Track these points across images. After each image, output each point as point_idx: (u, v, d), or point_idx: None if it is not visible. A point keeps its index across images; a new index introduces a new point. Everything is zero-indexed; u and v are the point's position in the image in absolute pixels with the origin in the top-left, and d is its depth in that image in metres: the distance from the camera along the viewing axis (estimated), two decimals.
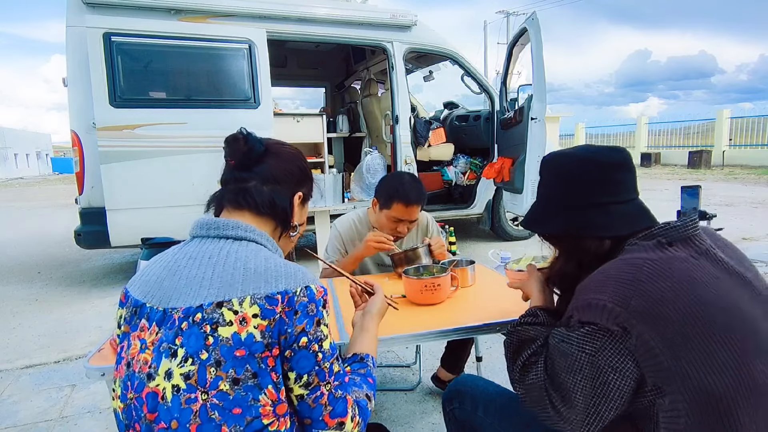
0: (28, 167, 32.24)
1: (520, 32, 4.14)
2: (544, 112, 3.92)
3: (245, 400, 0.69)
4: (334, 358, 0.80)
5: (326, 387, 0.77)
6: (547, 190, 1.01)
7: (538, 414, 0.89)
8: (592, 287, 0.83)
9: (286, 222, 0.94)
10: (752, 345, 0.77)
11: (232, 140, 0.90)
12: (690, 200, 2.25)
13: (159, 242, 2.06)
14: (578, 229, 0.93)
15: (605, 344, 0.78)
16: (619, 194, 0.93)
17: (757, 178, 12.44)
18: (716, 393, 0.74)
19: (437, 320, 1.33)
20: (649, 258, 0.82)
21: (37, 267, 4.83)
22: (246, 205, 0.88)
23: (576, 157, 0.96)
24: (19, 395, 2.23)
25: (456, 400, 1.17)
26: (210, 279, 0.75)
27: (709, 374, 0.74)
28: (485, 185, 5.14)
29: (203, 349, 0.70)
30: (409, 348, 2.51)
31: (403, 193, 1.79)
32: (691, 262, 0.82)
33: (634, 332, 0.76)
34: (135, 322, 0.78)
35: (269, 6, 4.16)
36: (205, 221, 0.85)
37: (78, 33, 3.54)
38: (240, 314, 0.71)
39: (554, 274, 1.02)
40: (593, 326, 0.79)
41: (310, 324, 0.75)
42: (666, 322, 0.76)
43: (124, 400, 0.75)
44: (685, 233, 0.86)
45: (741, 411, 0.75)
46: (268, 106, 4.06)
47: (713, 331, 0.76)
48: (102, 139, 3.53)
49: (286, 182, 0.93)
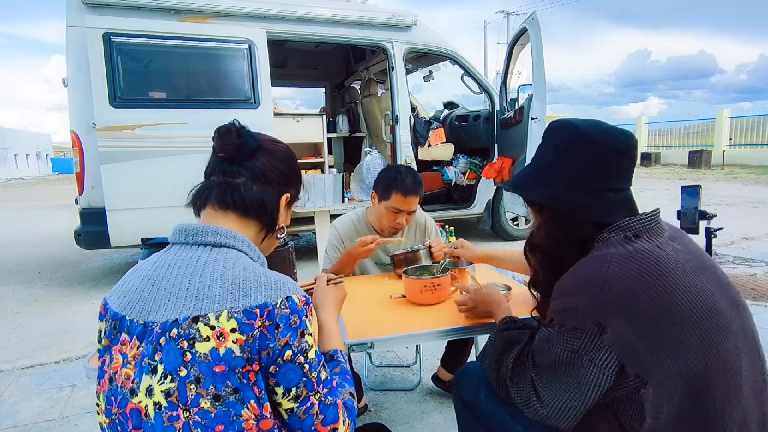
0: (28, 167, 32.25)
1: (520, 32, 4.15)
2: (544, 112, 3.92)
3: (227, 416, 0.68)
4: (321, 366, 0.78)
5: (316, 396, 0.75)
6: (543, 157, 1.00)
7: (522, 406, 0.93)
8: (566, 289, 0.88)
9: (272, 224, 0.91)
10: (715, 325, 0.81)
11: (225, 132, 0.86)
12: (690, 200, 2.25)
13: (159, 242, 2.06)
14: (563, 205, 0.93)
15: (584, 342, 0.83)
16: (613, 181, 0.92)
17: (757, 177, 12.43)
18: (691, 376, 0.78)
19: (437, 320, 1.33)
20: (617, 253, 0.85)
21: (37, 267, 4.83)
22: (233, 204, 0.85)
23: (581, 133, 0.94)
24: (19, 395, 2.23)
25: (462, 381, 1.23)
26: (186, 290, 0.73)
27: (682, 360, 0.78)
28: (485, 185, 5.14)
29: (182, 365, 0.68)
30: (409, 348, 2.51)
31: (401, 183, 1.81)
32: (656, 252, 0.85)
33: (609, 326, 0.80)
34: (116, 336, 0.76)
35: (269, 6, 4.16)
36: (185, 227, 0.82)
37: (78, 33, 3.54)
38: (217, 329, 0.69)
39: (533, 245, 1.02)
40: (571, 327, 0.85)
41: (294, 337, 0.73)
42: (636, 313, 0.80)
43: (108, 415, 0.74)
44: (649, 225, 0.89)
45: (714, 389, 0.79)
46: (268, 106, 4.06)
47: (681, 316, 0.79)
48: (102, 140, 3.53)
49: (276, 182, 0.89)
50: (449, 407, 1.99)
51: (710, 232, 2.29)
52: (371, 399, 2.06)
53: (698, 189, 2.25)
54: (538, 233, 1.00)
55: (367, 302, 1.53)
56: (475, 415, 1.18)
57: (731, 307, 0.85)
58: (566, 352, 0.85)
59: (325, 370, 0.79)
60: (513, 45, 4.36)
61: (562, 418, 0.87)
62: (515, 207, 4.60)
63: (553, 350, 0.87)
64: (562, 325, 0.86)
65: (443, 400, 2.04)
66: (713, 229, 2.29)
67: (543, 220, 0.99)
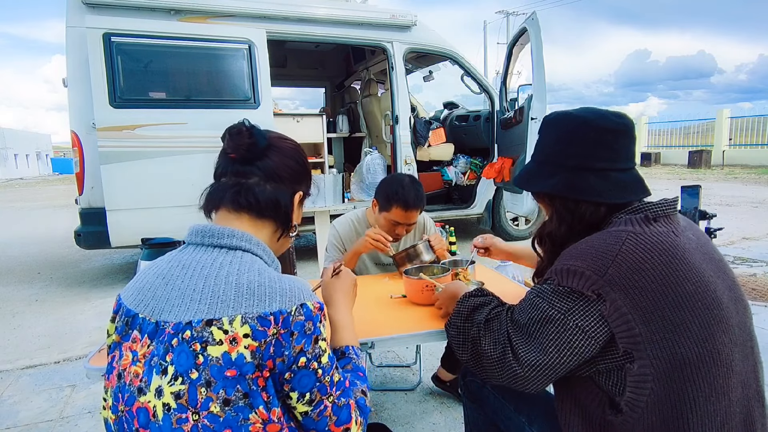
0: (28, 168, 32.23)
1: (520, 32, 4.15)
2: (544, 112, 3.92)
3: (236, 420, 0.68)
4: (334, 369, 0.78)
5: (329, 399, 0.76)
6: (544, 149, 1.01)
7: (496, 363, 0.91)
8: (574, 254, 0.86)
9: (287, 223, 0.90)
10: (716, 316, 0.81)
11: (236, 133, 0.85)
12: (690, 200, 2.25)
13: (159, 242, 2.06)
14: (574, 191, 0.93)
15: (576, 305, 0.83)
16: (617, 161, 0.92)
17: (757, 177, 12.44)
18: (683, 360, 0.79)
19: (437, 320, 1.33)
20: (633, 231, 0.85)
21: (37, 267, 4.83)
22: (247, 205, 0.84)
23: (576, 118, 0.95)
24: (19, 396, 2.23)
25: (469, 374, 1.26)
26: (201, 292, 0.73)
27: (678, 342, 0.79)
28: (485, 185, 5.14)
29: (193, 368, 0.68)
30: (409, 348, 2.51)
31: (403, 197, 1.79)
32: (672, 237, 0.86)
33: (609, 299, 0.80)
34: (127, 332, 0.77)
35: (269, 6, 4.16)
36: (201, 228, 0.82)
37: (78, 33, 3.54)
38: (230, 334, 0.69)
39: (544, 234, 1.01)
40: (568, 288, 0.84)
41: (308, 343, 0.73)
42: (641, 291, 0.79)
43: (115, 411, 0.74)
44: (667, 210, 0.90)
45: (702, 379, 0.79)
46: (268, 106, 4.07)
47: (685, 301, 0.80)
48: (102, 140, 3.53)
49: (289, 180, 0.89)
50: (449, 407, 1.99)
51: (710, 232, 2.29)
52: (371, 399, 2.05)
53: (698, 189, 2.25)
54: (550, 223, 0.99)
55: (367, 302, 1.53)
56: (481, 407, 1.20)
57: (733, 302, 0.86)
58: (554, 311, 0.84)
59: (337, 371, 0.79)
60: (513, 45, 4.36)
61: (535, 377, 0.86)
62: (515, 207, 4.60)
63: (540, 306, 0.86)
64: (560, 284, 0.85)
65: (443, 400, 2.04)
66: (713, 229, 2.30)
67: (554, 210, 0.98)
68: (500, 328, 0.93)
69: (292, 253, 2.01)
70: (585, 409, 0.89)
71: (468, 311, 1.02)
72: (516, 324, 0.91)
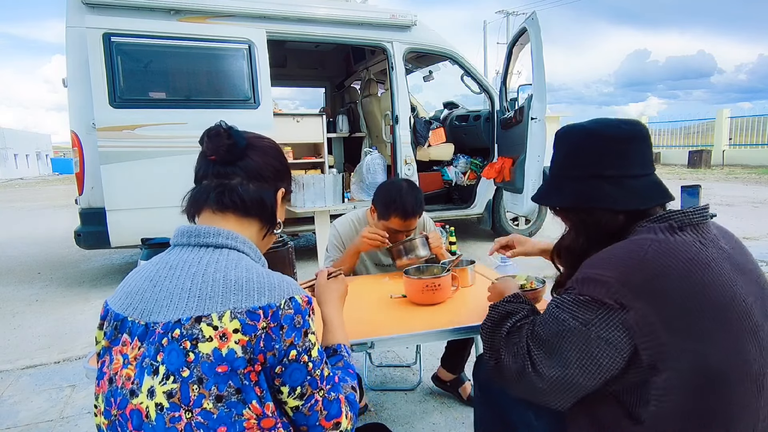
0: (28, 168, 32.24)
1: (519, 32, 4.15)
2: (544, 112, 3.92)
3: (229, 416, 0.68)
4: (324, 363, 0.79)
5: (320, 393, 0.77)
6: (556, 164, 1.01)
7: (516, 377, 0.90)
8: (596, 263, 0.85)
9: (272, 220, 0.91)
10: (745, 327, 0.79)
11: (215, 135, 0.85)
12: (690, 200, 2.25)
13: (159, 242, 2.06)
14: (587, 201, 0.92)
15: (599, 316, 0.80)
16: (630, 168, 0.91)
17: (757, 177, 12.44)
18: (713, 371, 0.76)
19: (437, 320, 1.33)
20: (656, 239, 0.83)
21: (37, 267, 4.83)
22: (232, 205, 0.85)
23: (582, 130, 0.96)
24: (19, 396, 2.23)
25: (481, 367, 1.27)
26: (189, 291, 0.73)
27: (704, 353, 0.76)
28: (485, 185, 5.14)
29: (184, 366, 0.68)
30: (409, 348, 2.51)
31: (401, 206, 1.77)
32: (697, 247, 0.83)
33: (633, 308, 0.77)
34: (116, 337, 0.76)
35: (269, 6, 4.16)
36: (186, 229, 0.82)
37: (78, 33, 3.54)
38: (220, 329, 0.69)
39: (563, 248, 1.01)
40: (589, 298, 0.81)
41: (298, 336, 0.74)
42: (666, 297, 0.77)
43: (108, 416, 0.74)
44: (694, 219, 0.87)
45: (732, 391, 0.77)
46: (268, 106, 4.06)
47: (712, 309, 0.77)
48: (102, 140, 3.53)
49: (271, 178, 0.90)
50: (449, 407, 1.99)
51: None
52: (371, 399, 2.06)
53: (698, 189, 2.25)
54: (568, 236, 1.00)
55: (367, 302, 1.53)
56: (490, 400, 1.20)
57: (762, 314, 0.83)
58: (576, 321, 0.81)
59: (327, 366, 0.80)
60: (513, 45, 4.36)
61: (557, 392, 0.84)
62: (515, 207, 4.60)
63: (560, 317, 0.84)
64: (581, 293, 0.82)
65: (443, 400, 2.04)
66: None
67: (572, 223, 0.99)
68: (520, 341, 0.92)
69: (291, 253, 2.01)
70: (599, 421, 0.86)
71: (498, 317, 1.02)
72: (537, 337, 0.89)
